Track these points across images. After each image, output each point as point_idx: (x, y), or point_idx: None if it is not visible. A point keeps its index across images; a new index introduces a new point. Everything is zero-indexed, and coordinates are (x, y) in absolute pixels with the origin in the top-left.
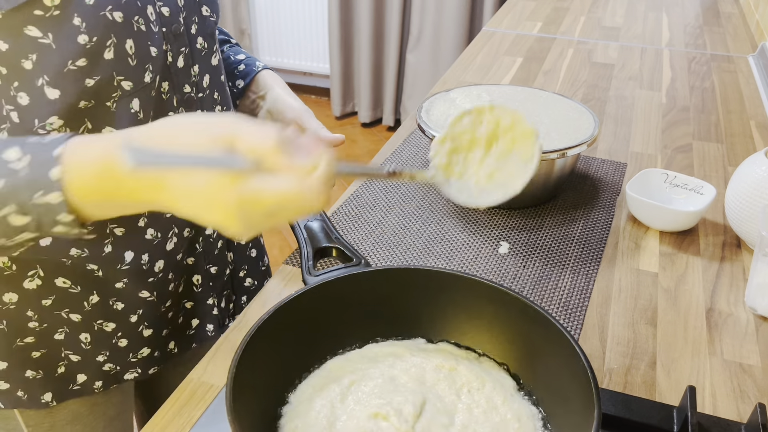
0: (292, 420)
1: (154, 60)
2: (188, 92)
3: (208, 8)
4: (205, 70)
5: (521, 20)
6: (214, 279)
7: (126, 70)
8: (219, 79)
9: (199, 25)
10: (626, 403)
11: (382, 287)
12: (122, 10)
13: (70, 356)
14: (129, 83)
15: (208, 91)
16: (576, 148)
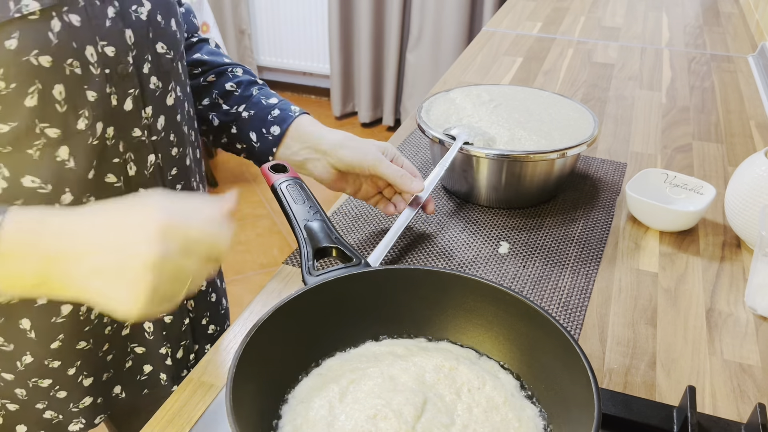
0: (291, 420)
1: (92, 105)
2: (138, 136)
3: (164, 45)
4: (159, 112)
5: (521, 20)
6: (169, 328)
7: (52, 117)
8: (176, 119)
9: (152, 63)
10: (626, 403)
11: (382, 287)
12: (51, 54)
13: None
14: (56, 131)
15: (163, 133)
16: (576, 148)
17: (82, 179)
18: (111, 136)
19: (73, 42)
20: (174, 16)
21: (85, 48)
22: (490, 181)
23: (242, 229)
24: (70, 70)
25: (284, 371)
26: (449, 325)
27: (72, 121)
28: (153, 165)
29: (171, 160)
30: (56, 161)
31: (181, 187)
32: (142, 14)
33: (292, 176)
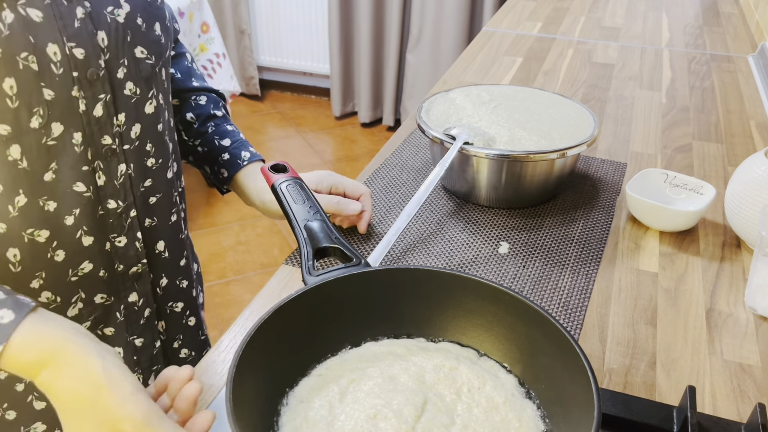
0: (291, 420)
1: (49, 104)
2: (108, 144)
3: (144, 50)
4: (134, 119)
5: (521, 20)
6: (140, 352)
7: (1, 113)
8: (155, 128)
9: (129, 68)
10: (626, 403)
11: (382, 287)
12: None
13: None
14: (6, 127)
15: (138, 142)
16: (576, 148)
17: (37, 181)
18: (79, 142)
19: (30, 36)
20: (159, 20)
21: (46, 45)
22: (490, 181)
23: (242, 229)
24: (24, 65)
25: (284, 371)
26: (449, 325)
27: (24, 118)
28: (123, 175)
29: (145, 171)
30: (7, 161)
31: (156, 200)
32: (119, 17)
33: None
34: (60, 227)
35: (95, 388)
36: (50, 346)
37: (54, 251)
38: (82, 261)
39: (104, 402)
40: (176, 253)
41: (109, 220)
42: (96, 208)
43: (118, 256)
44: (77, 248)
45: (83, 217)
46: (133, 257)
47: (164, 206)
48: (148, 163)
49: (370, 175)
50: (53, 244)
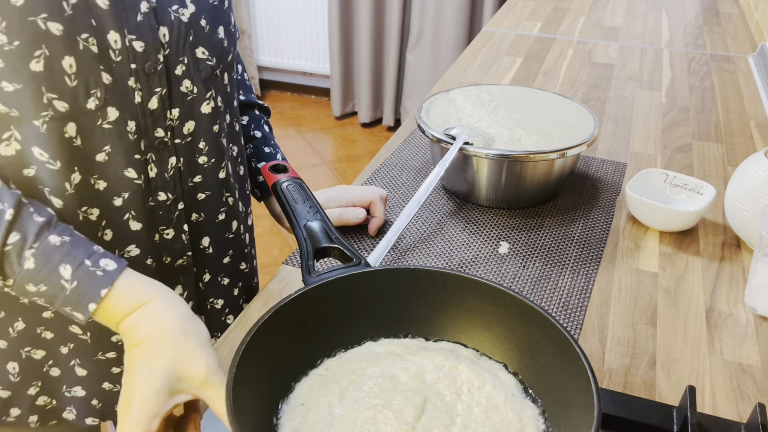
0: (291, 420)
1: (107, 88)
2: (161, 137)
3: (206, 51)
4: (188, 116)
5: (521, 20)
6: None
7: (60, 89)
8: (210, 129)
9: (188, 67)
10: (626, 403)
11: (382, 287)
12: (63, 22)
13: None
14: (63, 104)
15: (191, 138)
16: (576, 148)
17: (89, 160)
18: (133, 130)
19: (92, 19)
20: (223, 24)
21: (107, 32)
22: (490, 181)
23: None
24: (84, 45)
25: (284, 371)
26: (449, 325)
27: (82, 98)
28: (173, 168)
29: (195, 168)
30: (64, 137)
31: (205, 197)
32: (183, 16)
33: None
34: (108, 207)
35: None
36: (144, 294)
37: (103, 230)
38: (128, 244)
39: (185, 344)
40: (221, 251)
41: (159, 211)
42: (146, 198)
43: (166, 247)
44: (124, 231)
45: (132, 202)
46: (178, 250)
47: (212, 204)
48: (200, 161)
49: (370, 175)
50: (102, 223)
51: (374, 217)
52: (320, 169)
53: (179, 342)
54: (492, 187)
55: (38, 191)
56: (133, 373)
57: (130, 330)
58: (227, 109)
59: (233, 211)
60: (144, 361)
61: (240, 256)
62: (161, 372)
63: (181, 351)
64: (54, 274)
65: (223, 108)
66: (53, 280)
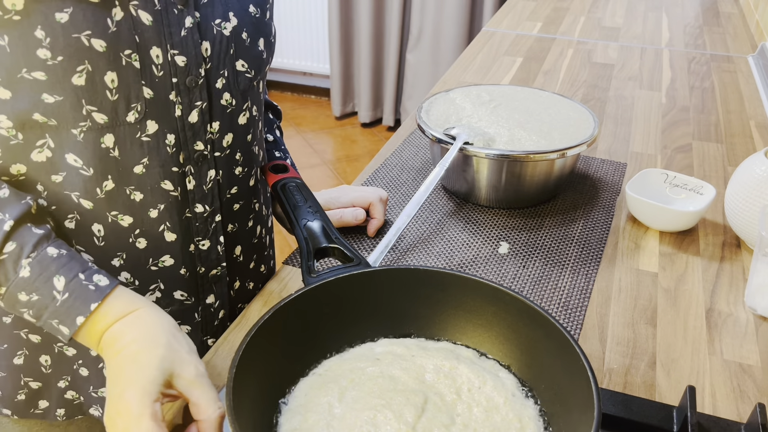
0: (290, 419)
1: (148, 102)
2: (200, 150)
3: (245, 63)
4: (227, 129)
5: (521, 20)
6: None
7: (101, 103)
8: (245, 138)
9: (228, 80)
10: (626, 403)
11: (382, 287)
12: (107, 39)
13: (30, 383)
14: (103, 116)
15: (229, 150)
16: (576, 148)
17: (126, 171)
18: (172, 143)
19: (136, 36)
20: (263, 36)
21: (150, 47)
22: (490, 181)
23: None
24: (126, 61)
25: (284, 371)
26: (449, 325)
27: (122, 111)
28: (212, 181)
29: (232, 179)
30: (100, 147)
31: (239, 206)
32: (226, 30)
33: (292, 176)
34: (143, 217)
35: (171, 336)
36: (133, 303)
37: (136, 238)
38: (162, 254)
39: (177, 346)
40: (249, 257)
41: (195, 223)
42: (183, 209)
43: (201, 258)
44: (159, 241)
45: (167, 214)
46: (214, 260)
47: (245, 212)
48: (236, 171)
49: (370, 175)
50: (135, 231)
51: (373, 218)
52: (320, 169)
53: (171, 343)
54: (492, 187)
55: (64, 197)
56: (121, 373)
57: (118, 335)
58: (259, 117)
59: (259, 216)
60: (134, 359)
61: (261, 259)
62: (156, 365)
63: (174, 350)
64: (48, 284)
65: (258, 116)
66: (46, 290)
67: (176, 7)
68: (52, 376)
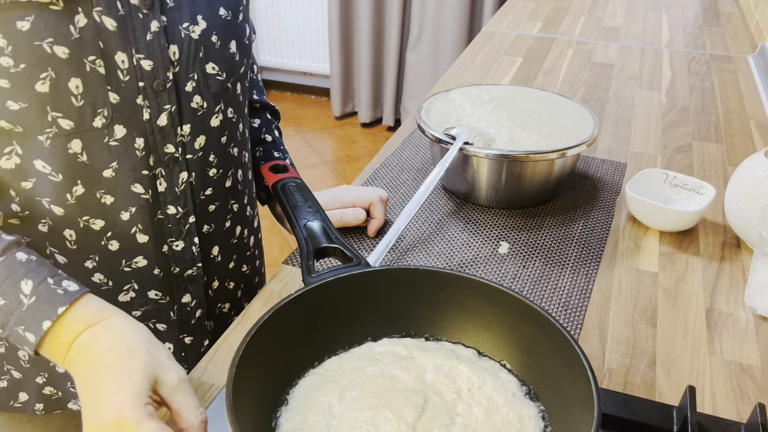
0: (290, 420)
1: (115, 107)
2: (171, 152)
3: (216, 66)
4: (199, 131)
5: (521, 20)
6: (188, 349)
7: (66, 109)
8: (219, 141)
9: (199, 82)
10: (626, 403)
11: (382, 287)
12: (70, 46)
13: (12, 371)
14: (69, 122)
15: (202, 153)
16: (576, 148)
17: (95, 176)
18: (141, 147)
19: (100, 42)
20: (236, 38)
21: (115, 53)
22: (490, 181)
23: None
24: (91, 67)
25: (284, 371)
26: (449, 325)
27: (88, 117)
28: (185, 183)
29: (206, 181)
30: (68, 153)
31: (215, 207)
32: (194, 33)
33: (292, 176)
34: (115, 220)
35: (149, 342)
36: (105, 310)
37: (108, 240)
38: (135, 256)
39: (157, 353)
40: (228, 257)
41: (168, 224)
42: (155, 211)
43: (175, 259)
44: (131, 243)
45: (139, 216)
46: (189, 261)
47: (221, 213)
48: (210, 173)
49: (370, 175)
50: (107, 234)
51: (374, 218)
52: (320, 169)
53: (150, 350)
54: (492, 187)
55: (35, 203)
56: (102, 382)
57: (90, 343)
58: (239, 118)
59: (238, 216)
60: (115, 367)
61: (243, 259)
62: (140, 371)
63: (154, 356)
64: (15, 287)
65: (235, 118)
66: (13, 294)
67: (141, 11)
68: (30, 371)
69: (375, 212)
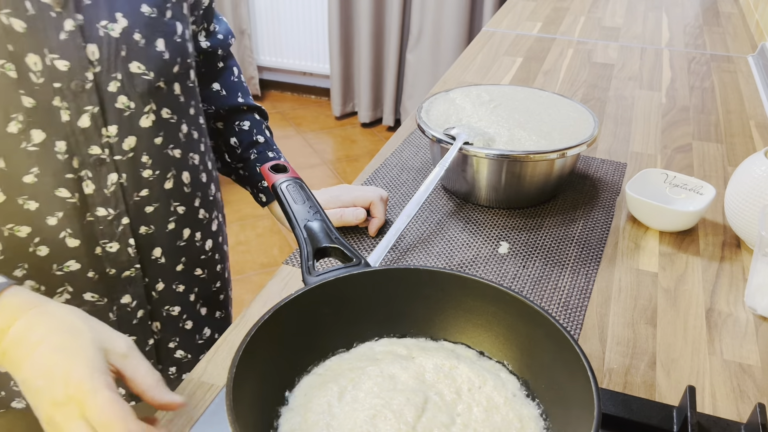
0: (290, 419)
1: (29, 111)
2: (97, 154)
3: (142, 65)
4: (127, 132)
5: (521, 20)
6: None
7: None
8: (152, 141)
9: (123, 82)
10: (626, 403)
11: (382, 287)
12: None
13: None
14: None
15: (132, 154)
16: (576, 148)
17: (16, 182)
18: (63, 150)
19: (9, 45)
20: (163, 36)
21: (25, 55)
22: (490, 181)
23: (242, 229)
24: (0, 72)
25: (283, 371)
26: (449, 325)
27: (1, 123)
28: (115, 184)
29: (140, 182)
30: None
31: (153, 209)
32: (113, 31)
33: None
34: (41, 226)
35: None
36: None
37: (36, 246)
38: (67, 260)
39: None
40: (174, 260)
41: (99, 226)
42: (83, 214)
43: (109, 260)
44: (61, 247)
45: (67, 220)
46: (125, 262)
47: (162, 215)
48: (144, 174)
49: (370, 175)
50: (35, 240)
51: (374, 217)
52: (320, 169)
53: (92, 325)
54: (492, 187)
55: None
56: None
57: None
58: (182, 120)
59: (185, 219)
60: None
61: (194, 262)
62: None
63: (98, 331)
64: None
65: (175, 119)
66: None
67: (53, 10)
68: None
69: (375, 211)
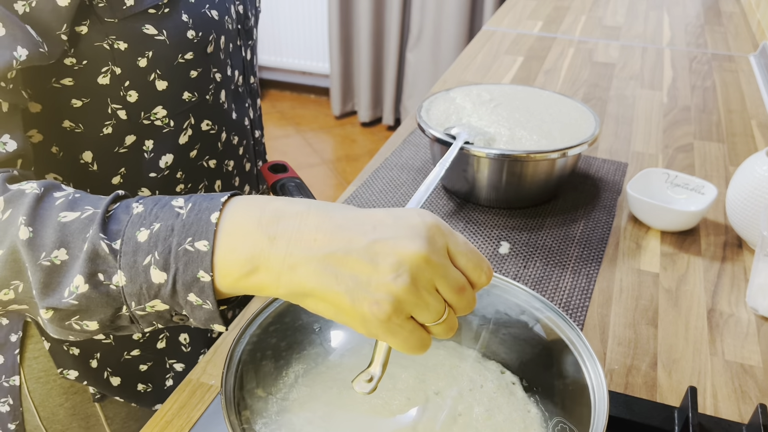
0: (289, 419)
1: (232, 55)
2: (253, 83)
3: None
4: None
5: (522, 19)
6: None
7: (219, 64)
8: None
9: (255, 18)
10: (627, 403)
11: None
12: (217, 8)
13: (175, 365)
14: (219, 75)
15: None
16: (577, 148)
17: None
18: (240, 83)
19: (225, 1)
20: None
21: (231, 7)
22: (491, 180)
23: None
24: (228, 25)
25: (283, 371)
26: None
27: (226, 67)
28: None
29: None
30: (219, 103)
31: None
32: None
33: (292, 176)
34: None
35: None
36: (249, 253)
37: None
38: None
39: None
40: None
41: None
42: None
43: None
44: None
45: None
46: None
47: None
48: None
49: (370, 175)
50: None
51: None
52: (320, 169)
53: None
54: (492, 187)
55: None
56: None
57: (291, 204)
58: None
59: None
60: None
61: None
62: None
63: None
64: (167, 207)
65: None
66: (166, 212)
67: None
68: (193, 354)
69: None
